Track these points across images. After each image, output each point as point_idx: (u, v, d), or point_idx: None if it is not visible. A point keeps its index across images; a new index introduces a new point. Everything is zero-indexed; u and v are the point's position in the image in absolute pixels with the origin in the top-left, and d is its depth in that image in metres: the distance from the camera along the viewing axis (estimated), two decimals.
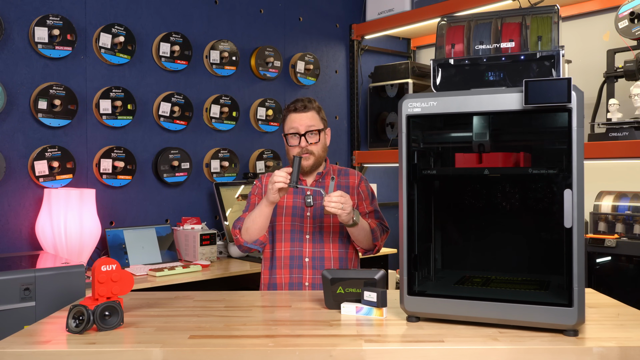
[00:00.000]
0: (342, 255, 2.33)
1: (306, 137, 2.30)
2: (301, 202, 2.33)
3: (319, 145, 2.33)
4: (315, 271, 2.27)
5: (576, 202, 1.45)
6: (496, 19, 1.72)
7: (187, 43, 3.33)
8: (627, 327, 1.58)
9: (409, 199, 1.63)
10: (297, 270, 2.28)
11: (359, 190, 2.41)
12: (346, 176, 2.43)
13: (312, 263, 2.28)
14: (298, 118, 2.31)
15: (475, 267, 1.83)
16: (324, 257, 2.29)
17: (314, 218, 2.31)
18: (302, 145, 2.30)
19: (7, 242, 2.76)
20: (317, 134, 2.32)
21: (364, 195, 2.43)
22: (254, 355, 1.42)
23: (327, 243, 2.30)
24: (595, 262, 2.87)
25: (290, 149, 2.33)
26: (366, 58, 4.27)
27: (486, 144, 1.64)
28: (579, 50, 3.35)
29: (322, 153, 2.35)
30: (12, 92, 2.78)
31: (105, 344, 1.48)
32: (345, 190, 2.38)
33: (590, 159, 2.76)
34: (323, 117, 2.37)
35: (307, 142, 2.30)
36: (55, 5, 2.91)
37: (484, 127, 1.65)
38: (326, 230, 2.31)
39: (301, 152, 2.29)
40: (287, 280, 2.28)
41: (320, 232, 2.30)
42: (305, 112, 2.32)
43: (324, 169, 2.39)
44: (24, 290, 2.11)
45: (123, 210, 3.13)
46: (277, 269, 2.30)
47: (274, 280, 2.31)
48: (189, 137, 3.39)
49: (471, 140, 1.67)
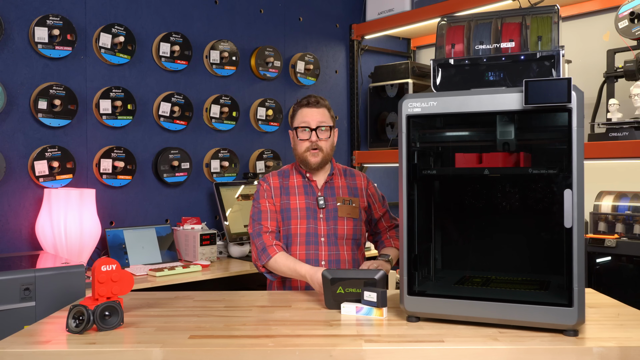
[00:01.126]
0: (355, 256, 2.33)
1: (317, 132, 2.27)
2: (313, 203, 2.31)
3: (328, 143, 2.31)
4: None
5: (576, 202, 1.45)
6: (496, 19, 1.72)
7: (187, 43, 3.33)
8: (627, 327, 1.58)
9: (409, 199, 1.63)
10: None
11: (369, 193, 2.42)
12: (352, 177, 2.43)
13: (329, 266, 2.26)
14: (310, 113, 2.29)
15: (475, 267, 1.83)
16: (339, 259, 2.27)
17: (327, 220, 2.29)
18: (312, 140, 2.27)
19: (7, 242, 2.76)
20: (328, 130, 2.30)
21: (374, 198, 2.43)
22: (254, 355, 1.42)
23: (342, 245, 2.29)
24: (595, 262, 2.87)
25: (299, 143, 2.29)
26: (366, 58, 4.27)
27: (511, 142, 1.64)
28: (579, 50, 3.35)
29: (330, 151, 2.33)
30: (12, 92, 2.78)
31: (105, 344, 1.48)
32: (354, 191, 2.38)
33: (590, 159, 2.76)
34: (333, 116, 2.36)
35: (318, 137, 2.27)
36: (55, 5, 2.91)
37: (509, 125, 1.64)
38: (340, 232, 2.29)
39: (310, 146, 2.27)
40: (304, 284, 2.23)
41: (335, 234, 2.29)
42: (318, 108, 2.30)
43: (332, 170, 2.38)
44: (24, 290, 2.11)
45: (123, 210, 3.13)
46: None
47: (289, 283, 2.29)
48: (189, 137, 3.39)
49: (471, 140, 1.67)
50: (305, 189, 2.33)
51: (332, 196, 2.33)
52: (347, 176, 2.42)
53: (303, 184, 2.34)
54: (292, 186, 2.34)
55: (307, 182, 2.35)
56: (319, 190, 2.33)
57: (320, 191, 2.33)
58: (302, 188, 2.33)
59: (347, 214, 2.30)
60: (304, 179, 2.35)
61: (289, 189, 2.33)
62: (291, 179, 2.36)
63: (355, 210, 2.33)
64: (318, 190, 2.33)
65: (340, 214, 2.30)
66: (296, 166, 2.39)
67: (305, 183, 2.35)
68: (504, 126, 1.65)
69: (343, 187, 2.37)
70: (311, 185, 2.34)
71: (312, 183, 2.34)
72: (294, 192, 2.32)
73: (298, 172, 2.37)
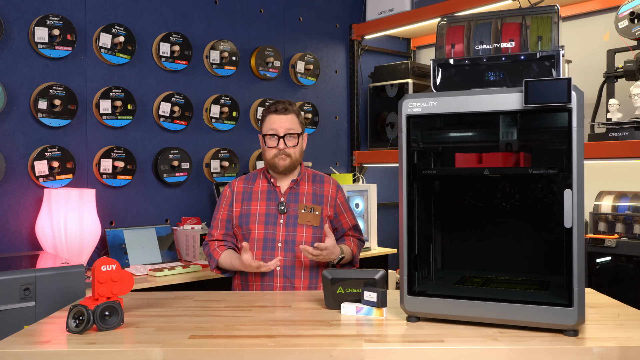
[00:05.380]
0: (314, 264, 2.31)
1: (285, 140, 2.28)
2: (275, 209, 2.31)
3: (296, 149, 2.32)
4: (286, 279, 2.27)
5: (576, 202, 1.45)
6: (496, 19, 1.72)
7: (187, 43, 3.33)
8: (627, 327, 1.58)
9: (409, 199, 1.63)
10: (268, 278, 2.27)
11: (338, 203, 2.40)
12: (321, 184, 2.40)
13: (284, 271, 2.27)
14: (278, 120, 2.30)
15: (475, 267, 1.83)
16: (295, 266, 2.28)
17: (287, 226, 2.29)
18: (280, 147, 2.28)
19: (7, 242, 2.76)
20: (295, 138, 2.31)
21: (343, 208, 2.41)
22: (254, 355, 1.42)
23: (299, 252, 2.27)
24: (595, 262, 2.87)
25: (267, 150, 2.31)
26: (366, 58, 4.27)
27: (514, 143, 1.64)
28: (579, 50, 3.35)
29: (298, 157, 2.34)
30: (12, 92, 2.78)
31: (105, 344, 1.48)
32: (319, 199, 2.36)
33: (590, 159, 2.76)
34: (302, 121, 2.36)
35: (286, 144, 2.28)
36: (55, 5, 2.91)
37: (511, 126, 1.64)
38: (299, 239, 2.29)
39: (278, 154, 2.28)
40: (258, 288, 2.28)
41: (293, 240, 2.28)
42: (286, 115, 2.30)
43: (298, 175, 2.36)
44: (24, 290, 2.11)
45: (123, 210, 3.13)
46: (249, 275, 2.30)
47: (246, 286, 2.31)
48: (189, 137, 3.39)
49: (471, 140, 1.67)
50: (268, 194, 2.34)
51: (295, 202, 2.32)
52: (316, 182, 2.39)
53: (267, 189, 2.35)
54: (256, 191, 2.35)
55: (271, 187, 2.35)
56: (282, 195, 2.33)
57: (283, 196, 2.32)
58: (266, 193, 2.34)
59: (306, 221, 2.29)
60: (269, 184, 2.35)
61: (252, 194, 2.35)
62: (257, 183, 2.37)
63: (316, 218, 2.31)
64: (281, 195, 2.33)
65: (300, 220, 2.29)
66: (264, 170, 2.39)
67: (269, 188, 2.35)
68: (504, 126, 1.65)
69: (308, 194, 2.35)
70: (275, 190, 2.34)
71: (277, 188, 2.34)
72: (256, 197, 2.34)
73: (264, 177, 2.38)
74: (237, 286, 2.35)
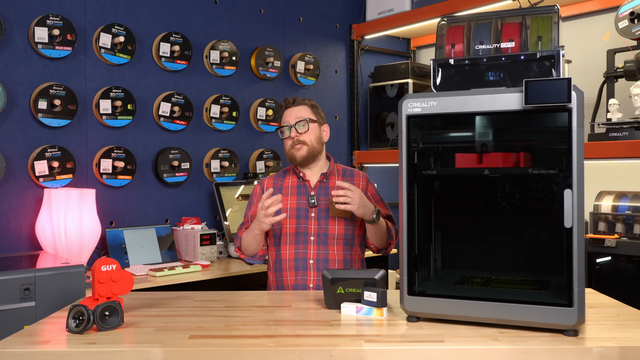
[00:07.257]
0: (347, 257, 2.33)
1: (296, 128, 2.33)
2: (305, 203, 2.33)
3: (310, 135, 2.34)
4: (320, 273, 2.27)
5: (576, 202, 1.45)
6: (496, 19, 1.72)
7: (187, 43, 3.33)
8: (627, 327, 1.58)
9: (409, 199, 1.63)
10: (302, 272, 2.28)
11: (369, 195, 2.40)
12: (351, 177, 2.43)
13: (317, 265, 2.28)
14: (289, 112, 2.38)
15: (475, 267, 1.83)
16: (328, 259, 2.29)
17: (318, 219, 2.31)
18: (292, 135, 2.34)
19: (7, 242, 2.76)
20: (306, 124, 2.33)
21: (374, 199, 2.42)
22: (254, 355, 1.42)
23: (332, 245, 2.29)
24: (595, 262, 2.87)
25: (285, 143, 2.38)
26: (366, 58, 4.27)
27: (489, 143, 1.64)
28: (579, 50, 3.35)
29: (316, 144, 2.35)
30: (12, 92, 2.78)
31: (105, 344, 1.48)
32: None
33: (590, 159, 2.76)
34: (318, 113, 2.40)
35: (297, 132, 2.32)
36: (55, 5, 2.91)
37: (487, 127, 1.65)
38: (331, 232, 2.30)
39: (293, 144, 2.33)
40: (292, 282, 2.29)
41: (325, 233, 2.30)
42: (296, 106, 2.39)
43: (328, 169, 2.40)
44: (24, 290, 2.11)
45: (123, 210, 3.13)
46: (282, 271, 2.31)
47: (280, 282, 2.32)
48: (189, 137, 3.39)
49: (471, 140, 1.67)
50: (298, 188, 2.37)
51: (325, 195, 2.34)
52: (346, 176, 2.42)
53: (297, 184, 2.38)
54: (286, 186, 2.39)
55: (301, 182, 2.38)
56: (312, 189, 2.35)
57: (313, 190, 2.35)
58: (296, 188, 2.37)
59: (337, 213, 2.30)
60: (299, 179, 2.39)
61: (282, 190, 2.38)
62: (287, 179, 2.41)
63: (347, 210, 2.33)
64: (311, 189, 2.35)
65: (331, 213, 2.31)
66: (294, 167, 2.42)
67: (299, 183, 2.38)
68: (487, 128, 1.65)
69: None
70: (305, 185, 2.37)
71: (307, 183, 2.37)
72: (287, 193, 2.36)
73: (294, 173, 2.41)
74: (272, 282, 2.36)
